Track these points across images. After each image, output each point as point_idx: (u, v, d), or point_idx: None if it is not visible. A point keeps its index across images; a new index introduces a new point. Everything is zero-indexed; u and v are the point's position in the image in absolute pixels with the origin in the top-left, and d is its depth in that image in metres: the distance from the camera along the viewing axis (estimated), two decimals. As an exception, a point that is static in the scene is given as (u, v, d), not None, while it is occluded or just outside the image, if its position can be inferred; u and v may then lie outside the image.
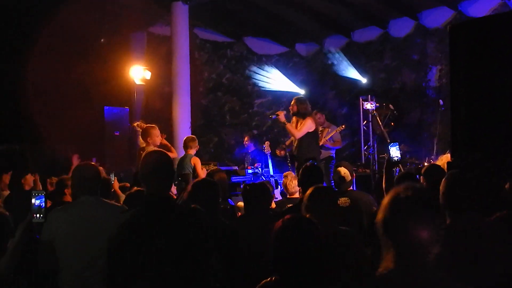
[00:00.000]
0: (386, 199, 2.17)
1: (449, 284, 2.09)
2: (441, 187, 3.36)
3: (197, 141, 8.33)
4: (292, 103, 8.48)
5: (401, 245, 2.08)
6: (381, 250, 2.15)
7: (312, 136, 8.34)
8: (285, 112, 8.68)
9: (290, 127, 8.30)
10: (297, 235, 2.59)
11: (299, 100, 8.51)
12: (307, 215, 3.47)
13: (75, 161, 8.38)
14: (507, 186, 3.71)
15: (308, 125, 8.24)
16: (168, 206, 3.03)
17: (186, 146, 8.18)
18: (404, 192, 2.13)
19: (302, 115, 8.30)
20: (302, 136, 8.21)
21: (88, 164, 4.10)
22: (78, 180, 3.90)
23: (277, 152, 9.68)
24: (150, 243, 2.78)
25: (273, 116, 8.53)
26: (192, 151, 8.09)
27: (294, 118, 8.41)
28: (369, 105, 8.68)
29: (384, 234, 2.12)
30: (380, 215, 2.15)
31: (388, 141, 8.20)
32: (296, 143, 8.34)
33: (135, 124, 8.11)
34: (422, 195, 2.14)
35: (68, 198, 5.74)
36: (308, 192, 3.87)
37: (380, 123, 8.33)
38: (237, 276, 3.72)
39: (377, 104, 8.70)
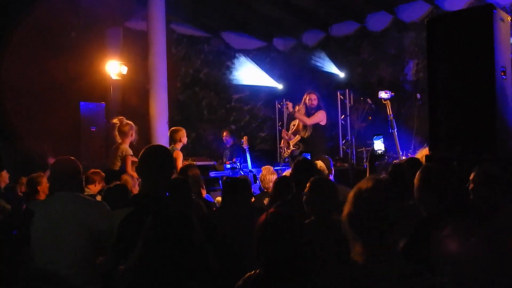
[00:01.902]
0: (350, 194, 2.16)
1: (416, 273, 2.08)
2: (415, 181, 3.35)
3: (181, 132, 8.16)
4: (310, 97, 8.80)
5: (367, 238, 2.07)
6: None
7: (323, 130, 8.55)
8: (291, 104, 9.14)
9: (300, 115, 8.50)
10: (281, 230, 2.59)
11: (316, 94, 8.77)
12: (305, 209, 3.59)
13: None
14: (471, 176, 3.70)
15: (321, 117, 8.52)
16: (157, 205, 2.99)
17: (171, 138, 8.09)
18: (365, 185, 2.13)
19: (318, 108, 8.54)
20: (314, 131, 8.39)
21: (67, 159, 3.97)
22: (56, 174, 3.81)
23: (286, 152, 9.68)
24: (141, 244, 2.76)
25: (283, 104, 8.85)
26: (178, 145, 7.98)
27: (288, 102, 8.93)
28: (383, 94, 8.67)
29: (350, 228, 2.11)
30: (345, 211, 2.14)
31: (395, 129, 8.22)
32: (306, 134, 8.53)
33: (116, 120, 7.91)
34: (384, 186, 2.13)
35: (42, 196, 5.64)
36: (308, 184, 3.90)
37: (391, 112, 8.34)
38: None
39: (392, 93, 8.70)
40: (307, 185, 3.93)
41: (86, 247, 3.61)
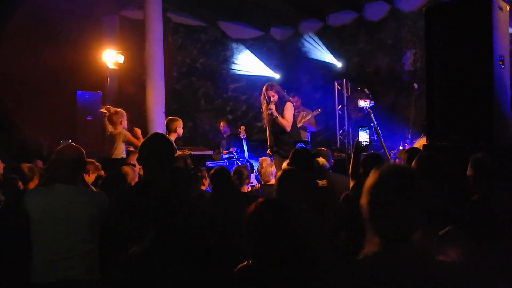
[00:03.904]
0: (369, 182, 2.11)
1: (436, 262, 2.04)
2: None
3: (177, 122, 8.13)
4: (268, 92, 8.02)
5: (386, 228, 2.03)
6: (355, 233, 2.11)
7: (294, 121, 8.18)
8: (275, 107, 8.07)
9: (283, 120, 7.92)
10: (271, 218, 2.57)
11: (275, 86, 8.14)
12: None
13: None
14: (468, 169, 3.68)
15: (291, 111, 7.98)
16: (158, 193, 2.99)
17: (167, 128, 8.06)
18: (388, 173, 2.08)
19: (282, 100, 8.01)
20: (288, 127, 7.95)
21: (72, 146, 3.88)
22: (59, 164, 3.73)
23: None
24: (137, 226, 2.77)
25: (269, 111, 8.11)
26: (173, 135, 7.95)
27: (271, 105, 7.92)
28: (363, 103, 8.17)
29: (369, 217, 2.07)
30: (364, 199, 2.09)
31: (381, 136, 8.01)
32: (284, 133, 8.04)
33: (104, 109, 7.87)
34: (407, 175, 2.09)
35: (32, 186, 5.56)
36: (278, 174, 3.86)
37: (374, 120, 8.04)
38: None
39: (372, 102, 8.28)
40: (277, 176, 3.88)
41: (87, 239, 3.61)
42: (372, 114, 8.10)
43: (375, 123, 8.25)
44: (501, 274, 2.39)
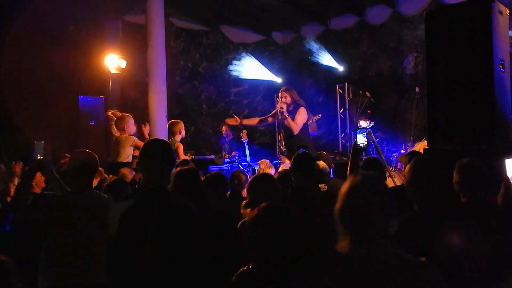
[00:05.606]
0: (343, 190, 2.18)
1: (405, 260, 2.11)
2: (406, 174, 3.32)
3: (179, 124, 8.23)
4: (282, 93, 8.27)
5: (355, 233, 2.09)
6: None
7: (305, 126, 8.28)
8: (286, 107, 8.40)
9: (292, 122, 8.10)
10: (273, 223, 2.60)
11: (290, 90, 8.37)
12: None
13: None
14: (454, 174, 3.66)
15: (303, 116, 8.15)
16: (160, 197, 3.01)
17: (170, 131, 8.12)
18: (359, 182, 2.15)
19: (296, 105, 8.19)
20: (299, 131, 8.10)
21: (86, 153, 3.92)
22: (75, 171, 3.78)
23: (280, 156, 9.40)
24: (140, 231, 2.78)
25: (280, 110, 8.31)
26: (177, 137, 8.00)
27: (282, 105, 8.22)
28: (363, 123, 8.09)
29: (340, 223, 2.15)
30: (337, 205, 2.16)
31: (382, 154, 8.02)
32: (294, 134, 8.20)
33: (110, 113, 7.96)
34: (376, 184, 2.15)
35: (36, 189, 5.58)
36: (251, 179, 4.16)
37: (374, 140, 7.98)
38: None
39: (371, 122, 8.30)
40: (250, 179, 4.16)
41: (101, 243, 3.64)
42: (372, 134, 8.16)
43: (376, 141, 8.29)
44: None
